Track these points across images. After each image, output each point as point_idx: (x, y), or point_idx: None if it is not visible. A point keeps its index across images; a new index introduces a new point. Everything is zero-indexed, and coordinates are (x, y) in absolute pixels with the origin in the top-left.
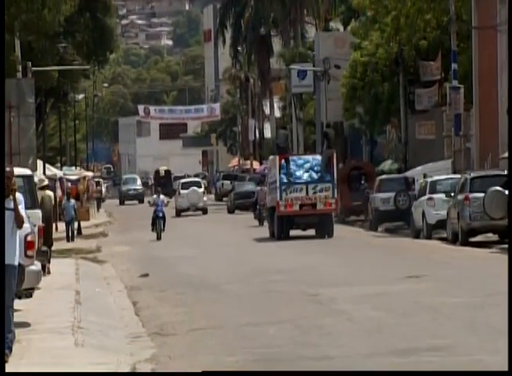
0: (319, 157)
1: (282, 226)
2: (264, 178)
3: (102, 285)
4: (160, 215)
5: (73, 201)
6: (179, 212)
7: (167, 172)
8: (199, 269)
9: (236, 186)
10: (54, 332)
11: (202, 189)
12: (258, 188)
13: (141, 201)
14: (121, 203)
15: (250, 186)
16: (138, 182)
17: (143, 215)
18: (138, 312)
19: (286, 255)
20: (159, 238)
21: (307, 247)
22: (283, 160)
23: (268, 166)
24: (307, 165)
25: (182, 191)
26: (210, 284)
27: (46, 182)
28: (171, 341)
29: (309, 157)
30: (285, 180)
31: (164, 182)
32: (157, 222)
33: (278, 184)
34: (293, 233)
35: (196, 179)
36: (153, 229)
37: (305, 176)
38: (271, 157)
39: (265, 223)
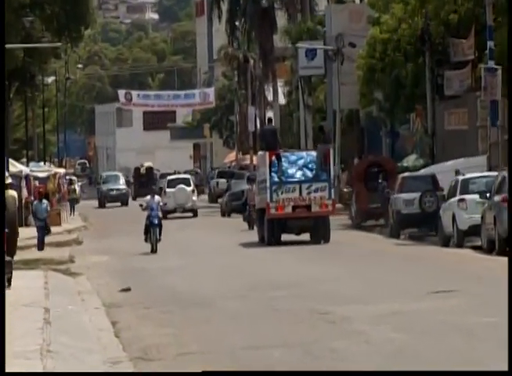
0: (314, 153)
1: (273, 231)
2: (254, 177)
3: (75, 301)
4: (156, 221)
5: (46, 202)
6: (165, 214)
7: (149, 169)
8: (188, 283)
9: (231, 186)
10: (20, 357)
11: (191, 188)
12: (248, 187)
13: (124, 203)
14: (101, 205)
15: (247, 186)
16: (122, 180)
17: (126, 218)
18: (118, 334)
19: (288, 266)
20: (154, 250)
21: (312, 256)
22: (273, 157)
23: (257, 163)
24: (300, 162)
25: (168, 190)
26: (202, 301)
27: (9, 180)
28: (157, 368)
29: (303, 153)
30: (276, 179)
31: (144, 181)
32: (152, 231)
33: (268, 184)
34: (285, 237)
35: (185, 176)
36: (146, 239)
37: (298, 175)
38: (260, 153)
39: (256, 227)
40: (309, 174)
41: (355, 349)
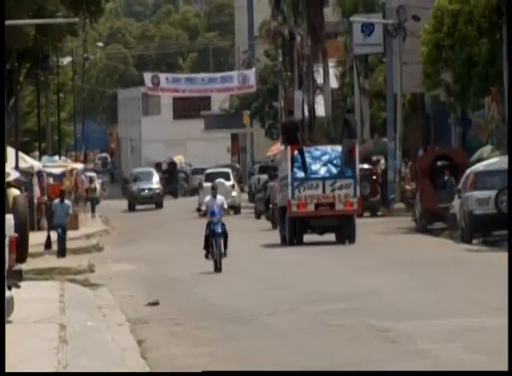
0: (339, 149)
1: (294, 230)
2: (276, 172)
3: (95, 317)
4: (219, 229)
5: (68, 203)
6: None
7: (172, 165)
8: (225, 295)
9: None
10: None
11: (231, 182)
12: (271, 183)
13: (159, 205)
14: (131, 208)
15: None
16: (155, 178)
17: (154, 221)
18: (145, 354)
19: (340, 274)
20: (218, 269)
21: (367, 264)
22: (296, 152)
23: (279, 159)
24: (325, 158)
25: (206, 184)
26: (242, 315)
27: (12, 177)
28: None
29: (328, 148)
30: (298, 175)
31: (167, 178)
32: (214, 243)
33: (290, 180)
34: (308, 238)
35: (224, 170)
36: (207, 255)
37: (322, 171)
38: (281, 148)
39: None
40: (334, 170)
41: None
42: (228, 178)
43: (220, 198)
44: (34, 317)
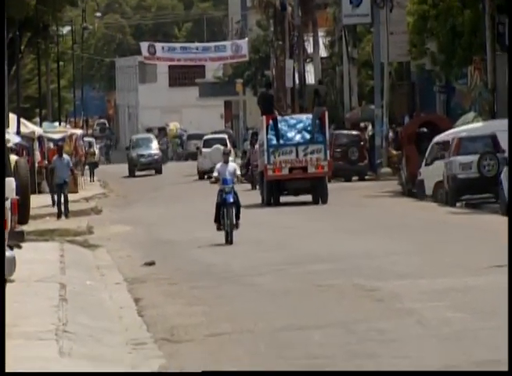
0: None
1: (271, 192)
2: (256, 137)
3: (94, 276)
4: (231, 199)
5: (67, 158)
6: (202, 174)
7: (161, 131)
8: (220, 256)
9: (248, 147)
10: (32, 338)
11: (228, 148)
12: (249, 148)
13: (158, 171)
14: (131, 174)
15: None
16: (154, 144)
17: (151, 184)
18: (142, 312)
19: (329, 237)
20: (229, 241)
21: (355, 227)
22: (270, 121)
23: (259, 128)
24: (300, 126)
25: (204, 150)
26: (235, 276)
27: (11, 143)
28: (185, 350)
29: (303, 117)
30: (273, 142)
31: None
32: (226, 212)
33: (265, 146)
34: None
35: (221, 136)
36: (219, 227)
37: (297, 137)
38: (260, 119)
39: (258, 186)
40: (307, 137)
41: (406, 331)
42: (225, 144)
43: (232, 165)
44: (36, 277)
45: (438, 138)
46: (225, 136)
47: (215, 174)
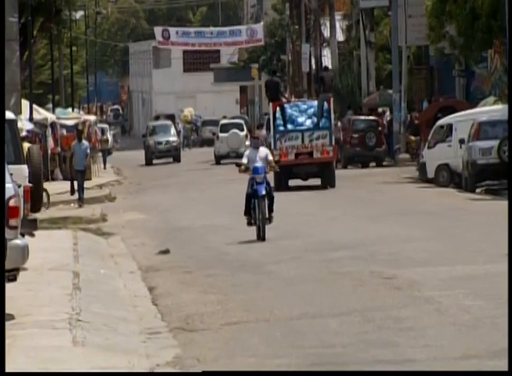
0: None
1: (280, 177)
2: (243, 125)
3: (108, 265)
4: (263, 191)
5: (86, 143)
6: (219, 159)
7: (169, 118)
8: (235, 243)
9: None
10: (45, 327)
11: (244, 132)
12: (257, 131)
13: (177, 159)
14: (149, 162)
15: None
16: (172, 131)
17: (165, 172)
18: (156, 301)
19: (347, 224)
20: (261, 237)
21: (373, 214)
22: (277, 108)
23: (268, 114)
24: (310, 111)
25: (221, 134)
26: (251, 263)
27: (24, 131)
28: (200, 339)
29: (314, 103)
30: (280, 128)
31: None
32: (258, 205)
33: (272, 132)
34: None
35: (238, 121)
36: (250, 222)
37: (303, 123)
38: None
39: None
40: (313, 122)
41: (424, 319)
42: (241, 129)
43: (264, 150)
44: (49, 265)
45: (441, 121)
46: (242, 121)
47: (244, 161)
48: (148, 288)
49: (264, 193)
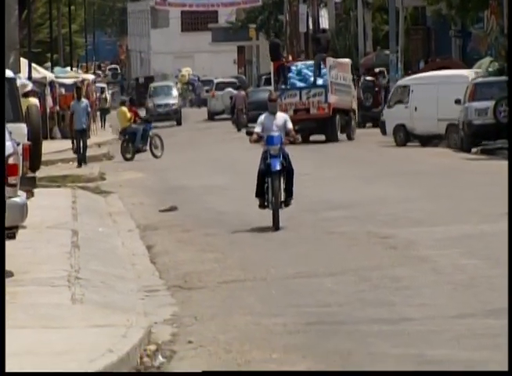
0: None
1: None
2: (241, 83)
3: (106, 223)
4: (277, 165)
5: (85, 101)
6: (212, 115)
7: (149, 80)
8: (233, 203)
9: (250, 94)
10: (44, 284)
11: (242, 91)
12: (235, 92)
13: (178, 122)
14: None
15: (235, 92)
16: (174, 92)
17: (166, 131)
18: (154, 259)
19: (338, 183)
20: (275, 225)
21: (369, 174)
22: (278, 67)
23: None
24: (305, 71)
25: (217, 92)
26: (248, 223)
27: (30, 86)
28: (197, 297)
29: (309, 63)
30: (282, 86)
31: (143, 92)
32: (272, 184)
33: (273, 90)
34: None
35: (232, 80)
36: (261, 204)
37: (301, 82)
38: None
39: (243, 129)
40: (309, 81)
41: (420, 278)
42: (235, 88)
43: (282, 116)
44: (48, 223)
45: (400, 81)
46: (236, 80)
47: (257, 129)
48: (146, 247)
49: (278, 168)
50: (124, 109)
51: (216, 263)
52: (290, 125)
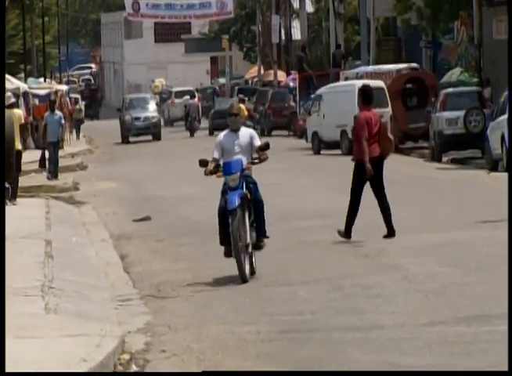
0: None
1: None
2: (194, 92)
3: (80, 233)
4: (235, 202)
5: (59, 114)
6: (172, 122)
7: (92, 88)
8: (206, 213)
9: (216, 103)
10: (18, 294)
11: (196, 100)
12: (191, 101)
13: (156, 137)
14: (125, 140)
15: (190, 100)
16: (152, 105)
17: (140, 142)
18: (128, 269)
19: (309, 193)
20: (243, 278)
21: (341, 184)
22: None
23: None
24: None
25: (177, 100)
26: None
27: (13, 99)
28: (171, 306)
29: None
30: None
31: (88, 96)
32: (231, 225)
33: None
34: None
35: (190, 88)
36: (229, 252)
37: None
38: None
39: (196, 134)
40: None
41: (392, 286)
42: (193, 96)
43: (247, 131)
44: (21, 233)
45: (318, 91)
46: (193, 89)
47: (215, 154)
48: (120, 256)
49: (236, 205)
50: None
51: (189, 273)
52: (257, 142)
